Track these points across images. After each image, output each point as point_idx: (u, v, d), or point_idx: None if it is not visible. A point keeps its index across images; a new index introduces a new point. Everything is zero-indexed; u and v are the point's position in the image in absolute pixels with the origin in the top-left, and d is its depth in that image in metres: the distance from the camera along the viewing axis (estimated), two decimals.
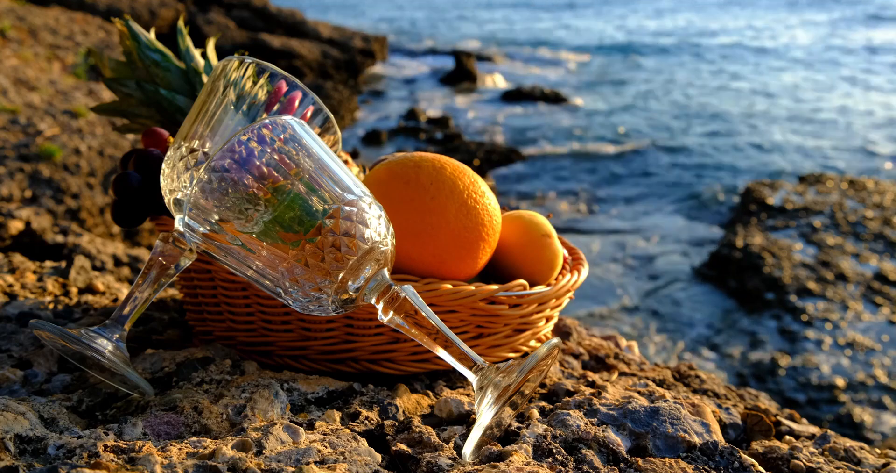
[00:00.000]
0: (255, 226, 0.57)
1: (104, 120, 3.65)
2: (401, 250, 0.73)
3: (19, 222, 1.77)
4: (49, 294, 1.02)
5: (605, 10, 22.59)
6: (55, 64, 4.95)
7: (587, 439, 0.64)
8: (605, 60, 13.23)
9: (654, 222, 5.62)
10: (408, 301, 0.61)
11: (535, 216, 0.84)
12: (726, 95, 10.34)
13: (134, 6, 8.36)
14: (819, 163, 7.05)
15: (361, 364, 0.76)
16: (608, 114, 9.26)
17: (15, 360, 0.75)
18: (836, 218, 5.07)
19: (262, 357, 0.78)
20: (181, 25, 0.90)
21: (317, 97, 0.72)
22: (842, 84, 10.96)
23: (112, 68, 0.88)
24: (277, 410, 0.65)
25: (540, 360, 0.58)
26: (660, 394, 0.73)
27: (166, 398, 0.64)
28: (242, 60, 0.68)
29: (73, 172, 3.05)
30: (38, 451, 0.54)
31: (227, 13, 9.98)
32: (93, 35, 6.26)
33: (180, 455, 0.54)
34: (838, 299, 4.07)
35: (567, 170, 6.95)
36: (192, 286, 0.82)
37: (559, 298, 0.81)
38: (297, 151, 0.59)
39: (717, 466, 0.63)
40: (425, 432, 0.62)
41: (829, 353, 3.64)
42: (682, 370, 0.94)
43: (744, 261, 4.47)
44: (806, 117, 8.89)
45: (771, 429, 0.74)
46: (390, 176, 0.75)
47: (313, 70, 9.22)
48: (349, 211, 0.58)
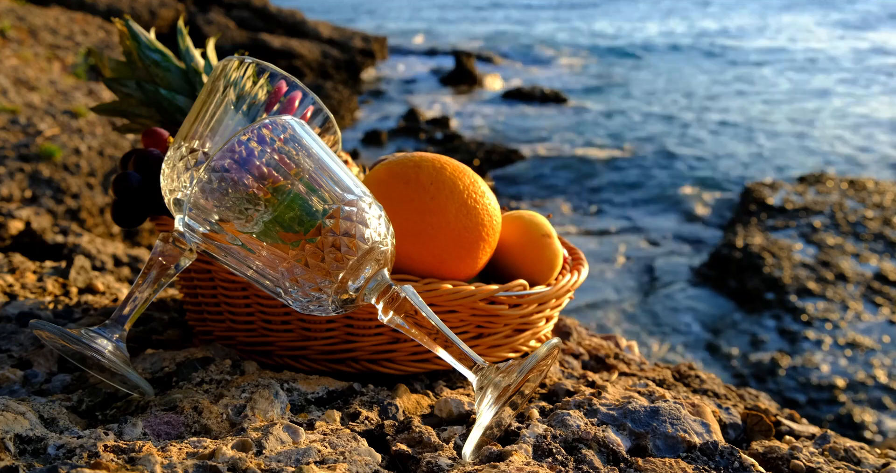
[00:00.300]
0: (255, 226, 0.57)
1: (104, 120, 3.65)
2: (401, 250, 0.73)
3: (19, 222, 1.77)
4: (49, 294, 1.02)
5: (611, 10, 22.60)
6: (55, 64, 4.95)
7: (587, 439, 0.64)
8: (606, 61, 13.22)
9: (653, 222, 5.62)
10: (408, 301, 0.61)
11: (535, 216, 0.84)
12: (727, 96, 10.35)
13: (134, 6, 8.36)
14: (819, 163, 7.05)
15: (361, 364, 0.76)
16: (609, 114, 9.26)
17: (15, 360, 0.75)
18: (836, 218, 5.07)
19: (262, 357, 0.78)
20: (181, 25, 0.90)
21: (317, 97, 0.72)
22: (840, 86, 10.96)
23: (112, 68, 0.88)
24: (277, 410, 0.65)
25: (540, 360, 0.58)
26: (660, 394, 0.73)
27: (166, 398, 0.64)
28: (242, 60, 0.68)
29: (73, 173, 3.05)
30: (38, 451, 0.54)
31: (227, 13, 9.98)
32: (93, 35, 6.26)
33: (180, 455, 0.54)
34: (838, 299, 4.07)
35: (567, 170, 6.95)
36: (192, 286, 0.82)
37: (559, 298, 0.81)
38: (297, 151, 0.59)
39: (717, 466, 0.63)
40: (425, 432, 0.62)
41: (829, 353, 3.64)
42: (682, 370, 0.94)
43: (744, 261, 4.47)
44: (807, 119, 8.89)
45: (771, 429, 0.74)
46: (390, 176, 0.75)
47: (313, 70, 9.22)
48: (349, 211, 0.58)
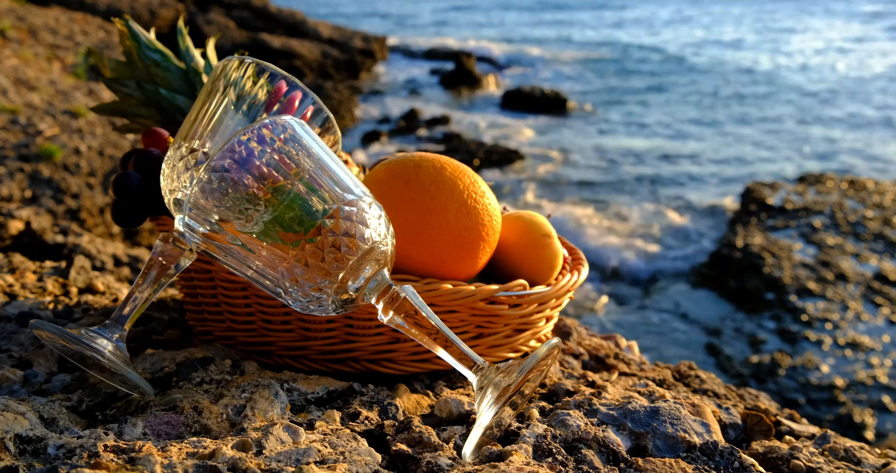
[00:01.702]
0: (255, 226, 0.57)
1: (104, 120, 3.65)
2: (401, 250, 0.73)
3: (19, 222, 1.77)
4: (49, 294, 1.02)
5: (616, 11, 22.60)
6: (55, 64, 4.95)
7: (587, 439, 0.64)
8: (607, 62, 13.22)
9: (653, 222, 5.62)
10: (408, 301, 0.61)
11: (535, 216, 0.84)
12: (729, 97, 10.35)
13: (134, 6, 8.36)
14: (820, 163, 7.05)
15: (361, 364, 0.76)
16: (609, 115, 9.26)
17: (15, 360, 0.75)
18: (836, 218, 5.07)
19: (262, 357, 0.78)
20: (181, 25, 0.90)
21: (317, 97, 0.72)
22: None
23: (112, 68, 0.88)
24: (277, 410, 0.65)
25: (540, 360, 0.58)
26: (660, 394, 0.73)
27: (166, 398, 0.64)
28: (242, 60, 0.68)
29: (73, 173, 3.05)
30: (38, 451, 0.54)
31: (227, 13, 9.98)
32: (93, 35, 6.26)
33: (180, 455, 0.54)
34: (838, 299, 4.07)
35: (567, 170, 6.95)
36: (192, 286, 0.82)
37: (559, 298, 0.81)
38: (297, 151, 0.59)
39: (717, 466, 0.63)
40: (425, 432, 0.62)
41: (829, 353, 3.64)
42: (682, 370, 0.94)
43: (744, 261, 4.47)
44: (809, 118, 8.89)
45: (771, 429, 0.74)
46: (390, 176, 0.75)
47: (313, 70, 9.22)
48: (349, 211, 0.58)
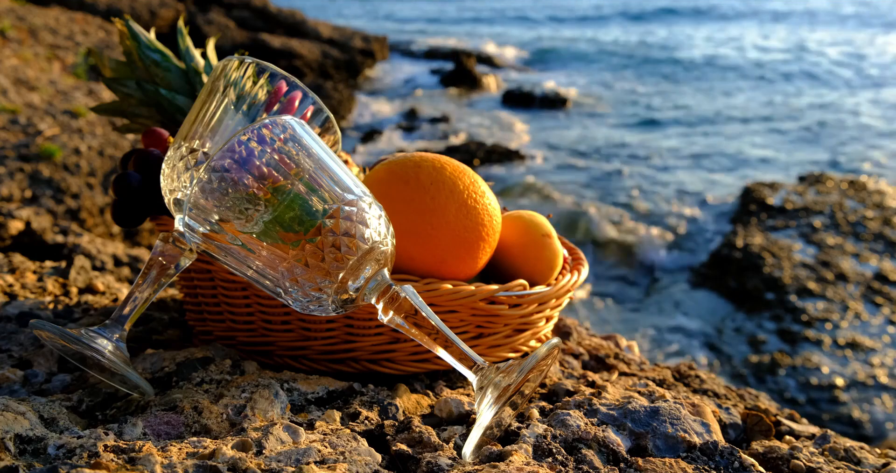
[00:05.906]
0: (255, 226, 0.57)
1: (104, 120, 3.65)
2: (401, 250, 0.73)
3: (19, 222, 1.77)
4: (49, 294, 1.02)
5: (617, 16, 22.60)
6: (55, 64, 4.95)
7: (587, 439, 0.64)
8: (608, 64, 13.22)
9: (653, 222, 5.62)
10: (408, 301, 0.61)
11: (535, 216, 0.84)
12: (729, 98, 10.34)
13: (134, 6, 8.36)
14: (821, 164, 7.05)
15: (361, 364, 0.76)
16: (609, 115, 9.26)
17: (15, 360, 0.75)
18: (836, 218, 5.07)
19: (262, 357, 0.78)
20: (181, 25, 0.90)
21: (317, 97, 0.72)
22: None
23: (112, 68, 0.88)
24: (277, 410, 0.65)
25: (540, 360, 0.58)
26: (660, 394, 0.73)
27: (166, 398, 0.64)
28: (242, 59, 0.68)
29: (73, 173, 3.05)
30: (38, 451, 0.54)
31: (227, 13, 9.98)
32: (93, 35, 6.26)
33: (180, 455, 0.54)
34: (838, 299, 4.07)
35: (567, 170, 6.95)
36: (192, 286, 0.82)
37: (559, 298, 0.81)
38: (297, 151, 0.59)
39: (717, 466, 0.63)
40: (425, 432, 0.62)
41: (829, 353, 3.64)
42: (682, 370, 0.94)
43: (744, 261, 4.47)
44: (810, 118, 8.89)
45: (771, 429, 0.74)
46: (390, 176, 0.75)
47: (313, 70, 9.22)
48: (349, 211, 0.58)
